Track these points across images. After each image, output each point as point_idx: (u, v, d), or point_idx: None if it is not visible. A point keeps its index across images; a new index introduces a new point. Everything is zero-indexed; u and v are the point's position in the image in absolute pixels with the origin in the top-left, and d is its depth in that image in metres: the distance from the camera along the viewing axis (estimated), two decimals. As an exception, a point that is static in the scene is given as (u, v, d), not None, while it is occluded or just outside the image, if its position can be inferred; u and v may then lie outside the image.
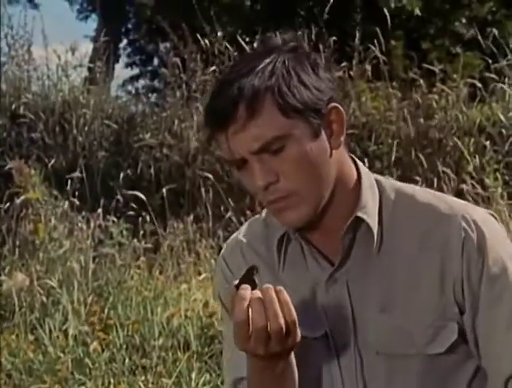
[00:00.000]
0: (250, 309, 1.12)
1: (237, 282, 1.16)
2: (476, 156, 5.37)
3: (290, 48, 1.23)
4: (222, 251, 1.38)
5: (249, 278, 1.16)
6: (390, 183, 1.31)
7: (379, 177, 1.31)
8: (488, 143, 5.47)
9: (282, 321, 1.12)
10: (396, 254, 1.25)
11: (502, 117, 5.64)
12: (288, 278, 1.27)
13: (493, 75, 5.86)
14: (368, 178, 1.29)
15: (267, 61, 1.20)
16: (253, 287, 1.15)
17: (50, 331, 4.05)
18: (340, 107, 1.24)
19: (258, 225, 1.35)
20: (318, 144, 1.21)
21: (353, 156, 1.31)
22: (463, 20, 8.33)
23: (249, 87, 1.18)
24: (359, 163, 1.30)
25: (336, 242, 1.26)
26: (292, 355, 1.21)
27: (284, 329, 1.13)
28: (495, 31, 6.20)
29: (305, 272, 1.29)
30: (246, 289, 1.14)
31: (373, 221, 1.25)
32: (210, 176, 5.56)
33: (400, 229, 1.26)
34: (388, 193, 1.28)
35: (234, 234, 1.38)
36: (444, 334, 1.23)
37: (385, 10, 6.00)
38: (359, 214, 1.25)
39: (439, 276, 1.23)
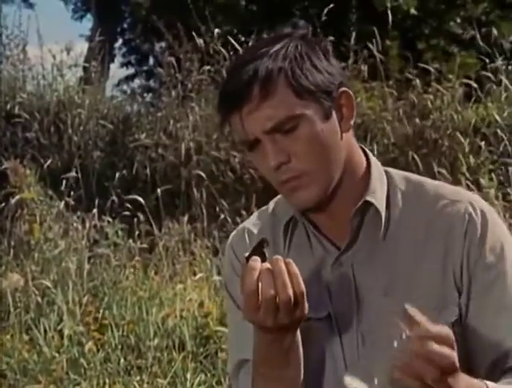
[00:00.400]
0: (260, 280, 1.15)
1: (247, 254, 1.19)
2: (471, 156, 5.38)
3: (301, 34, 1.28)
4: (230, 240, 1.41)
5: (259, 251, 1.18)
6: (399, 173, 1.35)
7: (389, 168, 1.35)
8: (483, 143, 5.47)
9: (290, 291, 1.15)
10: (401, 240, 1.28)
11: (497, 117, 5.64)
12: (294, 262, 1.29)
13: (488, 74, 5.86)
14: (377, 168, 1.33)
15: (280, 45, 1.25)
16: (263, 259, 1.17)
17: (45, 331, 4.04)
18: (350, 91, 1.28)
19: (265, 215, 1.39)
20: (329, 126, 1.25)
21: (363, 146, 1.35)
22: (458, 20, 8.33)
23: (263, 69, 1.22)
24: (370, 154, 1.34)
25: (342, 226, 1.29)
26: (298, 333, 1.23)
27: (293, 300, 1.15)
28: (494, 31, 6.21)
29: (310, 257, 1.32)
30: (256, 261, 1.16)
31: (381, 206, 1.29)
32: (204, 176, 5.56)
33: (408, 217, 1.30)
34: (396, 183, 1.32)
35: (243, 224, 1.41)
36: (444, 315, 1.25)
37: (388, 10, 6.01)
38: (368, 198, 1.28)
39: (442, 262, 1.27)
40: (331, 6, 6.01)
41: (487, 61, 6.02)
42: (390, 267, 1.28)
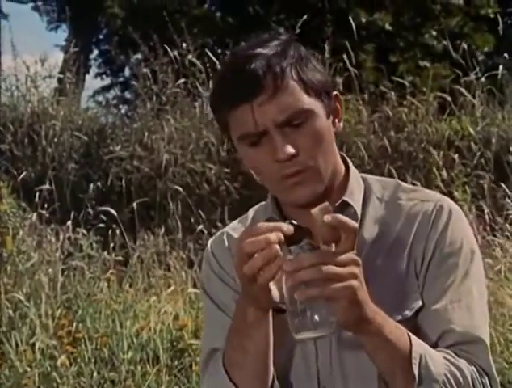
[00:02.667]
0: (254, 237, 1.15)
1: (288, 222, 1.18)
2: (445, 169, 5.42)
3: (292, 38, 1.32)
4: (209, 244, 1.43)
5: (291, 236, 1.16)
6: (375, 178, 1.40)
7: (366, 174, 1.40)
8: (456, 156, 5.52)
9: (254, 269, 1.14)
10: (373, 241, 1.32)
11: (471, 131, 5.70)
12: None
13: (462, 89, 5.92)
14: (355, 173, 1.38)
15: (280, 42, 1.29)
16: (286, 237, 1.15)
17: (17, 344, 3.99)
18: (339, 94, 1.35)
19: (246, 220, 1.42)
20: (328, 124, 1.31)
21: (342, 153, 1.39)
22: (433, 33, 8.41)
23: (276, 63, 1.26)
24: (348, 160, 1.39)
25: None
26: (270, 320, 1.24)
27: (251, 277, 1.15)
28: (465, 45, 6.27)
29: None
30: (277, 236, 1.15)
31: (358, 207, 1.33)
32: (180, 189, 5.55)
33: (382, 219, 1.34)
34: (372, 187, 1.38)
35: (223, 229, 1.44)
36: (408, 303, 1.30)
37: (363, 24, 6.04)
38: (346, 198, 1.33)
39: (407, 258, 1.31)
40: (306, 18, 6.04)
41: (460, 74, 6.08)
42: (362, 265, 1.30)
